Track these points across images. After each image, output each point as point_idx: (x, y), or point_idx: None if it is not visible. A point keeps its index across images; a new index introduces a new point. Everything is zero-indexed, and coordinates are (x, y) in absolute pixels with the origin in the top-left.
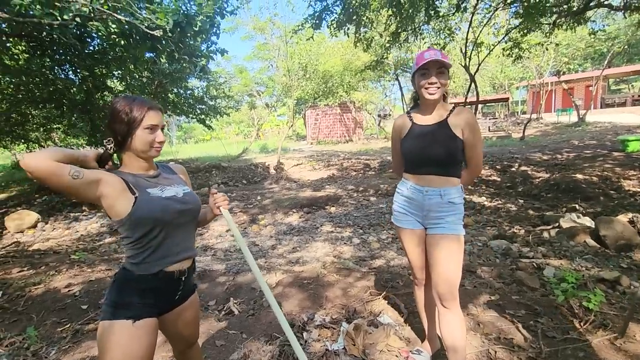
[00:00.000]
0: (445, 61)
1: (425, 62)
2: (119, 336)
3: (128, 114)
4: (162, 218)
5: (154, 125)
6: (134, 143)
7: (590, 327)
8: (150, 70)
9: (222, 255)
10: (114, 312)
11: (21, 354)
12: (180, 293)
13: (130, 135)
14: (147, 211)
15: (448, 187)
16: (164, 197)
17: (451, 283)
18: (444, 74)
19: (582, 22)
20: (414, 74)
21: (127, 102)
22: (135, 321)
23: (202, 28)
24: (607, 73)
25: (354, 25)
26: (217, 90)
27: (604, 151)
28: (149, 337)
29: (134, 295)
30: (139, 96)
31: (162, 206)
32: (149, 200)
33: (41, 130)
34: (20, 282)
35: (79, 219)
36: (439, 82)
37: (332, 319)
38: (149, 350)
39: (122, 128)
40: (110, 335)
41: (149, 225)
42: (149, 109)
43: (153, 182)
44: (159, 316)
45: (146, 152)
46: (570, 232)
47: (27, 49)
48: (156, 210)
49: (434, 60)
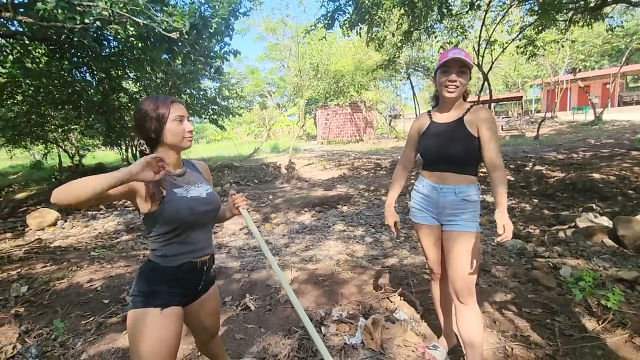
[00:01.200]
0: (467, 60)
1: (447, 60)
2: (150, 323)
3: (156, 110)
4: (187, 219)
5: (181, 116)
6: (166, 137)
7: (608, 326)
8: (164, 71)
9: (237, 252)
10: (143, 301)
11: (49, 345)
12: (202, 283)
13: (162, 130)
14: (173, 211)
15: (463, 184)
16: (189, 198)
17: (468, 279)
18: (465, 74)
19: (599, 18)
20: (436, 71)
21: (151, 101)
22: (163, 309)
23: (217, 30)
24: (625, 70)
25: (366, 25)
26: (229, 90)
27: (621, 150)
28: (177, 324)
29: (161, 284)
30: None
31: (188, 207)
32: (175, 200)
33: (59, 131)
34: (45, 277)
35: (97, 217)
36: (459, 80)
37: (349, 314)
38: (177, 337)
39: (154, 124)
40: (141, 323)
41: (174, 224)
42: (172, 102)
43: (179, 182)
44: (184, 306)
45: (179, 142)
46: (587, 232)
47: (47, 52)
48: (182, 210)
49: (456, 59)
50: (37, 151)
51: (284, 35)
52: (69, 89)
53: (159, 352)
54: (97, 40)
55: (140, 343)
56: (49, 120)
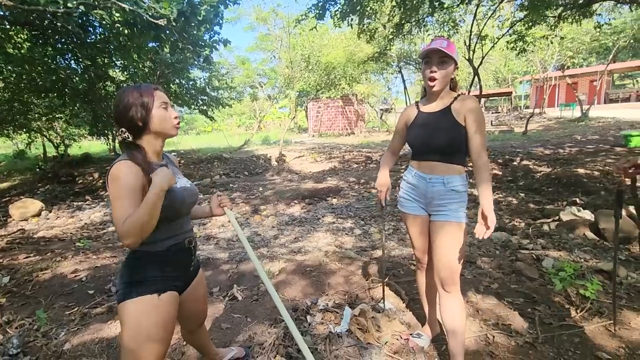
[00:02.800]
0: (445, 50)
1: (427, 51)
2: (148, 310)
3: (140, 98)
4: (179, 208)
5: (165, 103)
6: (153, 124)
7: (586, 315)
8: (152, 60)
9: (225, 244)
10: (137, 290)
11: (31, 335)
12: (193, 263)
13: (149, 117)
14: (169, 201)
15: (451, 174)
16: (180, 188)
17: (452, 268)
18: (447, 63)
19: (588, 15)
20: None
21: (133, 90)
22: (160, 294)
23: (206, 17)
24: (611, 68)
25: (357, 16)
26: (219, 81)
27: (606, 146)
28: (173, 309)
29: (154, 270)
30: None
31: (181, 198)
32: (170, 190)
33: (43, 120)
34: (28, 268)
35: (83, 208)
36: (439, 71)
37: (335, 303)
38: (174, 323)
39: (140, 112)
40: (136, 309)
41: (166, 213)
42: (155, 89)
43: None
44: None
45: (168, 129)
46: (570, 225)
47: (29, 37)
48: (178, 201)
49: (435, 49)
50: (21, 140)
51: (275, 26)
52: (53, 76)
53: (160, 338)
54: (82, 26)
55: (132, 332)
56: (32, 108)
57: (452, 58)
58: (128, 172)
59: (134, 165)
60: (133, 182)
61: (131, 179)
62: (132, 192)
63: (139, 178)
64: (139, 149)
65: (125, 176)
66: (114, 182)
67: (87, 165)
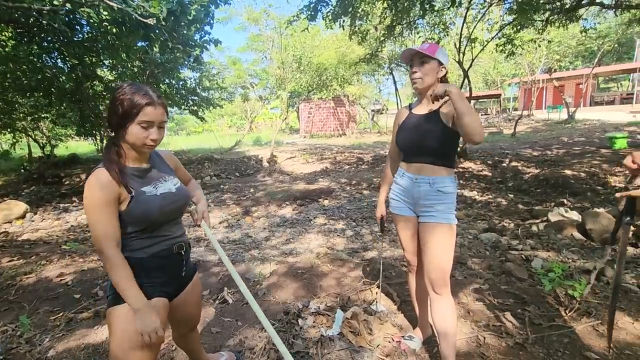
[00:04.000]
0: (420, 51)
1: (406, 56)
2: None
3: (124, 105)
4: (157, 218)
5: (148, 122)
6: (127, 136)
7: (575, 315)
8: (142, 59)
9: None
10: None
11: (14, 342)
12: (185, 269)
13: (122, 128)
14: (143, 211)
15: (438, 175)
16: (159, 196)
17: (442, 270)
18: (427, 63)
19: (574, 19)
20: None
21: (128, 91)
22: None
23: (196, 17)
24: (597, 71)
25: (349, 18)
26: (210, 81)
27: (592, 148)
28: (162, 314)
29: (140, 276)
30: (145, 87)
31: (159, 207)
32: (145, 200)
33: (29, 120)
34: (11, 272)
35: (69, 210)
36: (419, 71)
37: (327, 306)
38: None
39: (117, 120)
40: (121, 318)
41: (143, 223)
42: (147, 104)
43: (147, 179)
44: (171, 299)
45: (138, 147)
46: (558, 226)
47: (14, 35)
48: (153, 210)
49: (414, 52)
50: (5, 140)
51: (267, 26)
52: (39, 75)
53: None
54: (69, 24)
55: (118, 339)
56: (17, 107)
57: (432, 58)
58: (97, 189)
59: (106, 176)
60: (104, 197)
61: (101, 195)
62: (103, 207)
63: (110, 190)
64: (116, 150)
65: (92, 194)
66: (85, 199)
67: (74, 166)
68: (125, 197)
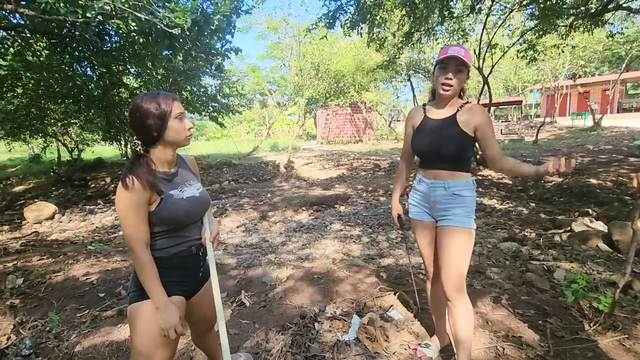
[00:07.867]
0: (464, 59)
1: (445, 58)
2: (151, 314)
3: (158, 108)
4: (183, 221)
5: (182, 114)
6: (168, 134)
7: (599, 329)
8: (165, 68)
9: (233, 250)
10: (143, 294)
11: (44, 336)
12: (202, 269)
13: (164, 128)
14: (170, 213)
15: (453, 179)
16: (185, 199)
17: (457, 274)
18: (462, 72)
19: (600, 24)
20: (435, 66)
21: (151, 98)
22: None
23: (218, 27)
24: (624, 77)
25: (367, 25)
26: (229, 88)
27: (619, 156)
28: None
29: (161, 275)
30: (158, 91)
31: (185, 210)
32: (172, 202)
33: (59, 125)
34: (41, 270)
35: (94, 212)
36: (455, 79)
37: (343, 311)
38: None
39: (156, 122)
40: (142, 315)
41: (170, 225)
42: (173, 99)
43: (174, 183)
44: (188, 298)
45: (181, 140)
46: (582, 236)
47: (48, 45)
48: (180, 213)
49: (454, 57)
50: (36, 145)
51: (286, 34)
52: (70, 83)
53: (165, 341)
54: (99, 34)
55: (141, 335)
56: (48, 113)
57: (468, 67)
58: (128, 193)
59: (135, 180)
60: (134, 200)
61: (131, 199)
62: (134, 210)
63: (140, 194)
64: (145, 160)
65: (123, 199)
66: (117, 203)
67: (99, 170)
68: (155, 199)
